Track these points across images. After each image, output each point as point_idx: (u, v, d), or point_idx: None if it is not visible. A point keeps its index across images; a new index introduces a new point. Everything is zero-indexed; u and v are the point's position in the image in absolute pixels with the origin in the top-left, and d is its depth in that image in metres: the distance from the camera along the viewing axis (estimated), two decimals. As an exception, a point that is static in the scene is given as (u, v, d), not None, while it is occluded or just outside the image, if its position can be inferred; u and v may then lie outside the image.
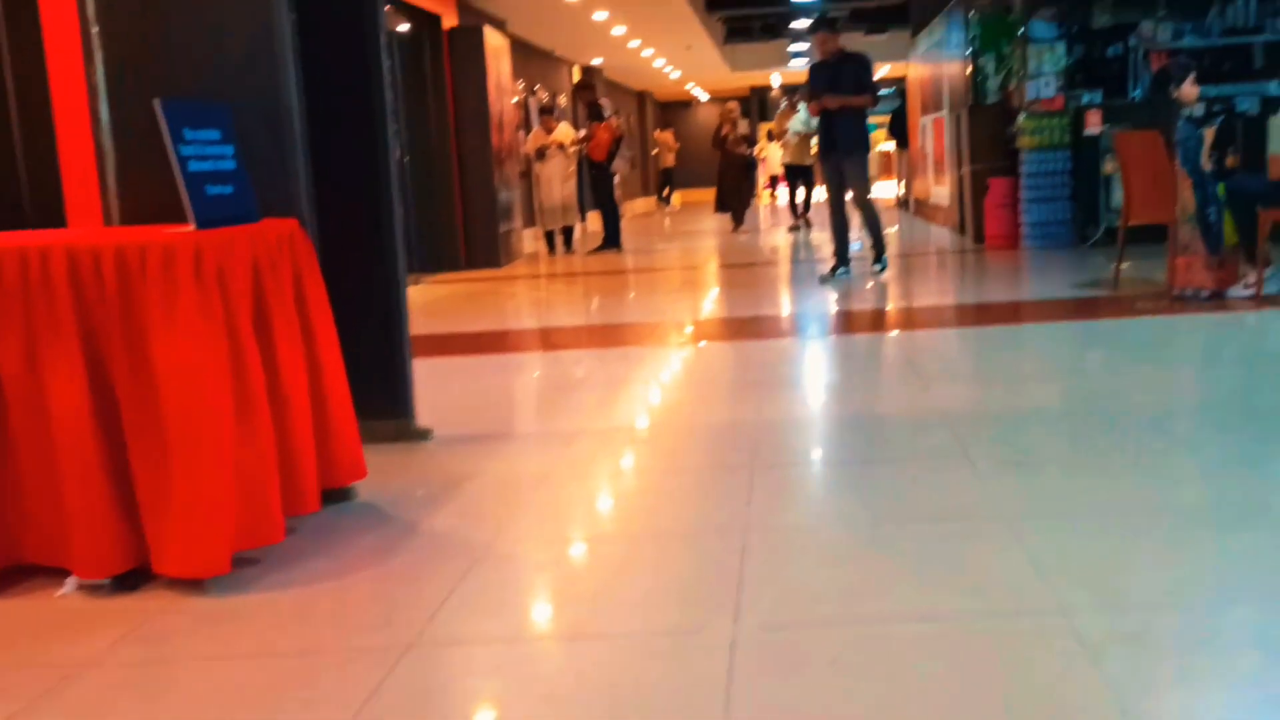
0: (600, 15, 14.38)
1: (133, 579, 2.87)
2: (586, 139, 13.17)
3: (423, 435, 4.31)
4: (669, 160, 26.93)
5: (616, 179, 13.48)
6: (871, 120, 29.73)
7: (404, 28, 11.10)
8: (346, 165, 4.05)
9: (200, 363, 2.73)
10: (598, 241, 13.43)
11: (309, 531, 3.24)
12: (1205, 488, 3.37)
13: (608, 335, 7.27)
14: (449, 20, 11.76)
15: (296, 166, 3.39)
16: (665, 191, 26.94)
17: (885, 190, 22.94)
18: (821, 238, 13.46)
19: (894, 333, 6.80)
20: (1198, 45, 10.47)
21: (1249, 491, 3.25)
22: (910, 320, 7.28)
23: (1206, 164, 6.46)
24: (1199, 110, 7.26)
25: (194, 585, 2.83)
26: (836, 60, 8.65)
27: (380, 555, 3.16)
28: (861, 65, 8.71)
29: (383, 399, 4.15)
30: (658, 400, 5.33)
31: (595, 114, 13.42)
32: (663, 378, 5.84)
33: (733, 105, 16.91)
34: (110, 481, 2.78)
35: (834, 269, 8.74)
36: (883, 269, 8.90)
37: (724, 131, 15.89)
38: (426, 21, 11.30)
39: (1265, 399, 4.48)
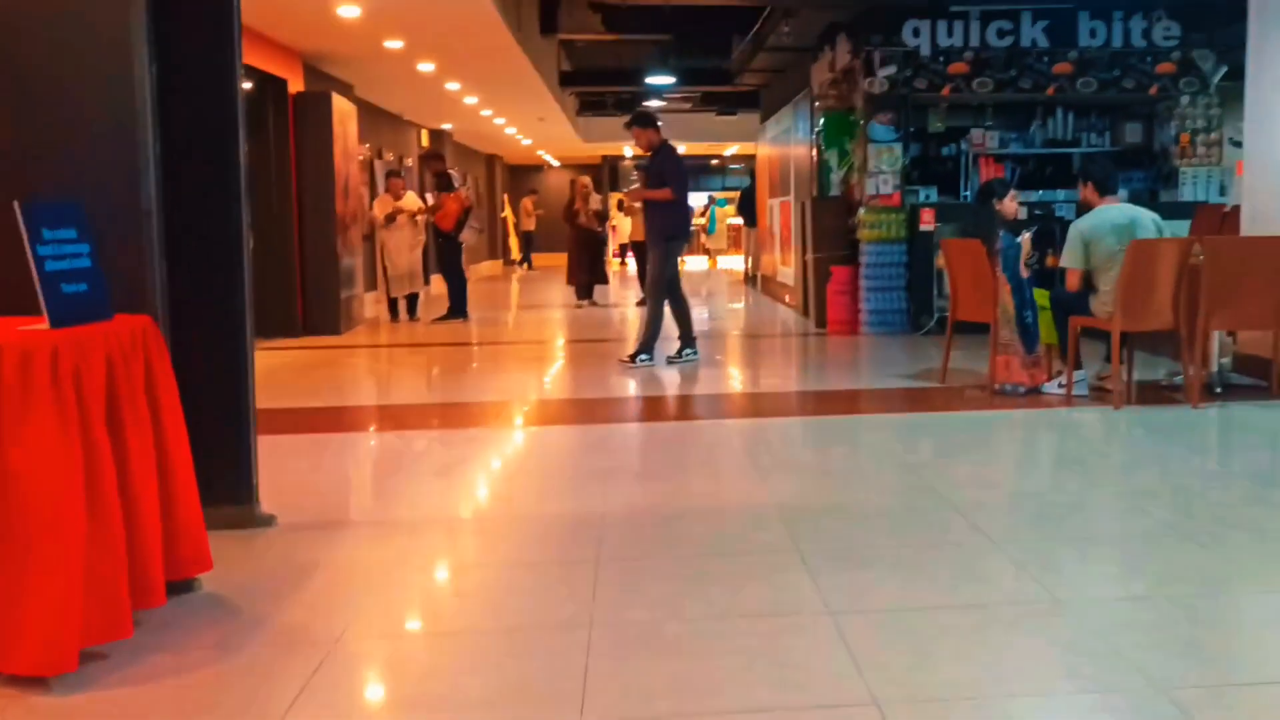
0: (453, 85, 14.52)
1: (-23, 677, 2.86)
2: (434, 209, 13.22)
3: (266, 522, 4.32)
4: (529, 225, 27.17)
5: (463, 249, 13.55)
6: (721, 196, 30.29)
7: (247, 85, 11.04)
8: (201, 253, 4.10)
9: (54, 463, 2.77)
10: (440, 308, 13.44)
11: (154, 625, 3.26)
12: (1007, 585, 3.64)
13: (453, 415, 7.31)
14: (295, 84, 11.72)
15: (152, 264, 3.45)
16: (526, 256, 27.10)
17: (734, 264, 23.59)
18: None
19: (736, 420, 7.03)
20: (1022, 153, 11.26)
21: (1044, 589, 3.55)
22: (752, 408, 7.54)
23: (1024, 270, 6.96)
24: (1021, 214, 7.83)
25: (37, 682, 2.83)
26: (650, 152, 8.88)
27: (227, 650, 3.19)
28: (665, 157, 8.91)
29: (226, 485, 4.17)
30: (502, 487, 5.44)
31: (445, 184, 13.48)
32: (507, 462, 5.95)
33: (585, 180, 16.67)
34: (-43, 580, 2.78)
35: (679, 351, 8.95)
36: (642, 358, 8.86)
37: (575, 206, 15.79)
38: (271, 85, 11.23)
39: (1068, 496, 4.86)
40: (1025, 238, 7.02)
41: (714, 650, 3.13)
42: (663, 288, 8.85)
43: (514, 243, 28.02)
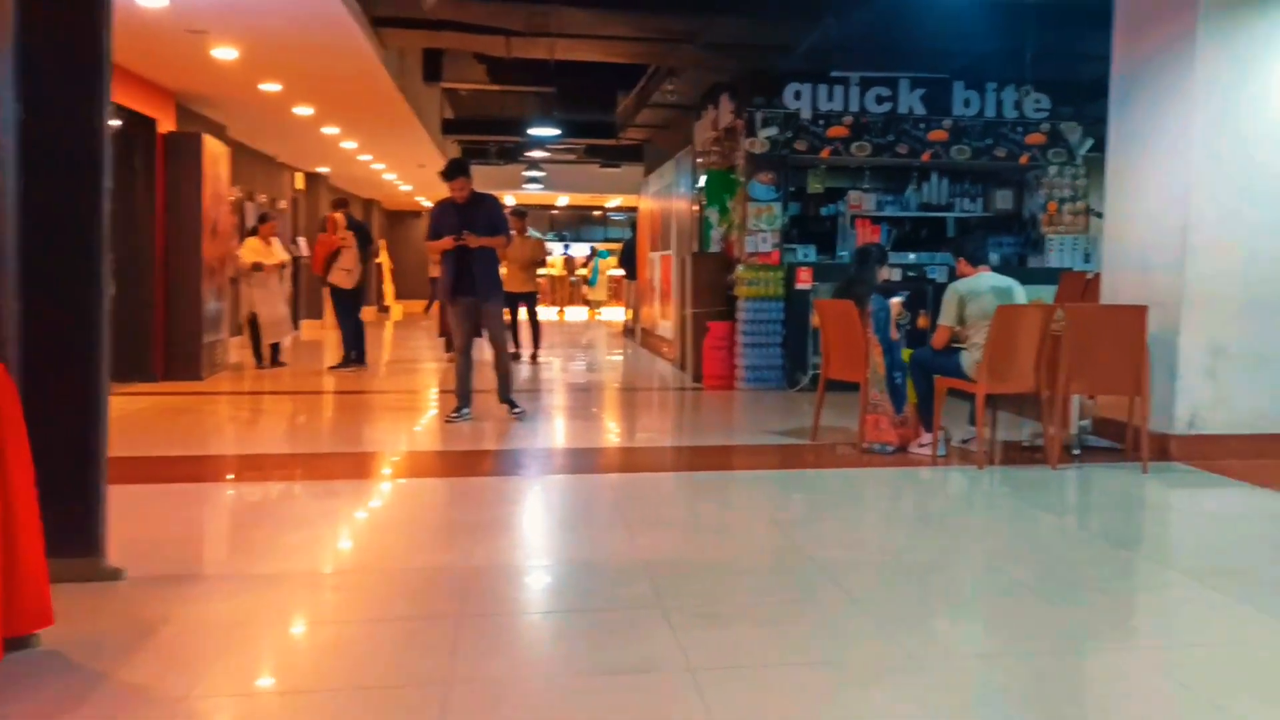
0: (331, 130, 14.36)
1: None
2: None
3: (114, 575, 4.17)
4: (435, 271, 26.81)
5: (358, 293, 13.20)
6: (603, 248, 30.22)
7: (115, 122, 10.75)
8: (58, 296, 3.97)
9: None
10: (308, 353, 13.01)
11: (-13, 683, 3.11)
12: (866, 643, 3.69)
13: (315, 465, 7.12)
14: (166, 124, 11.46)
15: (8, 310, 3.32)
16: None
17: (615, 315, 23.68)
18: (549, 362, 13.75)
19: (608, 475, 7.02)
20: (898, 215, 11.59)
21: (901, 647, 3.61)
22: (625, 462, 7.54)
23: (894, 333, 7.13)
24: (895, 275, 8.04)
25: None
26: (467, 202, 8.54)
27: (63, 710, 3.06)
28: (494, 207, 8.80)
29: (73, 536, 4.02)
30: (365, 540, 5.32)
31: (321, 225, 13.13)
32: (371, 515, 5.83)
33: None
34: None
35: (457, 409, 8.73)
36: (515, 411, 8.85)
37: None
38: (141, 124, 10.96)
39: (929, 555, 4.96)
40: (897, 300, 7.19)
41: (573, 707, 3.12)
42: (504, 337, 8.96)
43: (389, 289, 27.66)
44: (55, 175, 3.97)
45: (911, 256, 11.13)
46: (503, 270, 14.70)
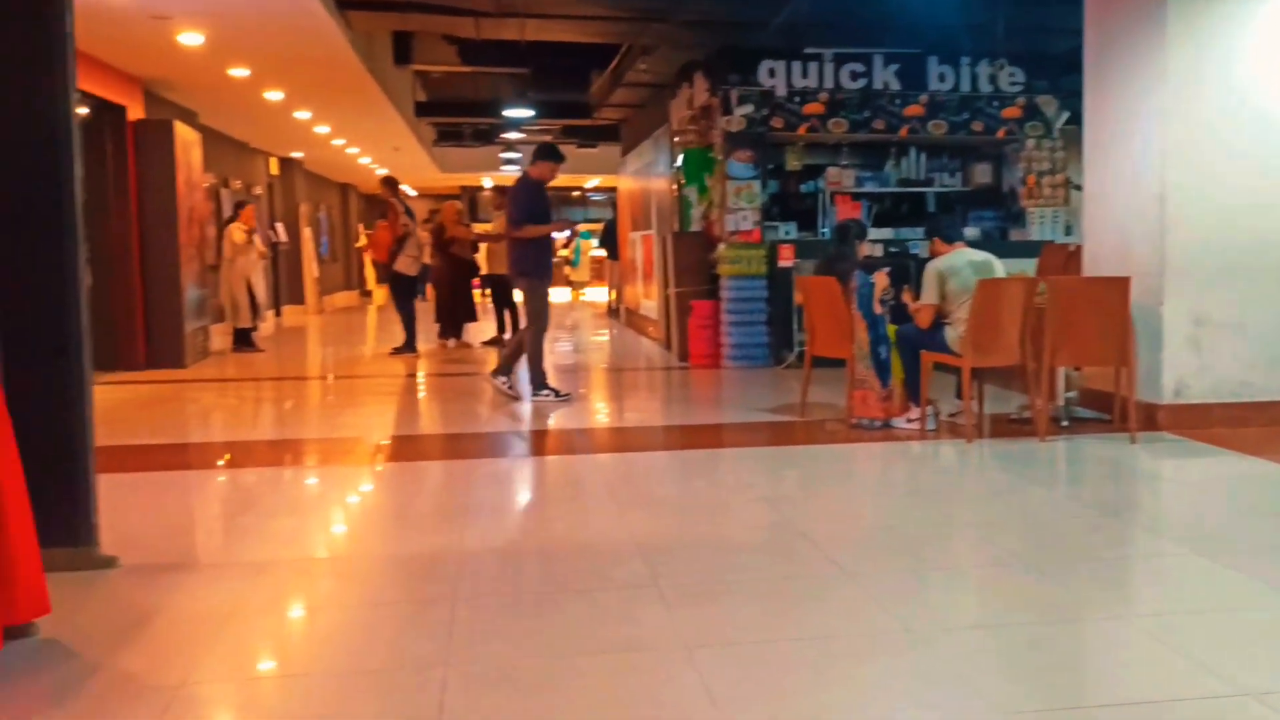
0: (303, 114, 14.27)
1: None
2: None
3: (107, 564, 4.17)
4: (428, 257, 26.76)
5: (415, 280, 13.12)
6: (585, 228, 30.09)
7: (83, 110, 10.65)
8: (36, 288, 3.95)
9: None
10: (284, 340, 12.93)
11: (-16, 674, 3.10)
12: (859, 616, 3.70)
13: (304, 451, 7.14)
14: (135, 112, 11.38)
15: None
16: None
17: (598, 296, 23.68)
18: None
19: (598, 455, 7.03)
20: (877, 191, 11.60)
21: (895, 619, 3.63)
22: (615, 442, 7.55)
23: (878, 308, 7.14)
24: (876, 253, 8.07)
25: None
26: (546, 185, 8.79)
27: (65, 698, 3.06)
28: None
29: (64, 526, 4.01)
30: (357, 525, 5.33)
31: (382, 212, 13.02)
32: (362, 500, 5.83)
33: (457, 204, 15.07)
34: None
35: (545, 388, 8.77)
36: (506, 387, 8.90)
37: (449, 234, 13.82)
38: (109, 112, 10.88)
39: (921, 528, 4.98)
40: (881, 274, 7.20)
41: (570, 687, 3.12)
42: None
43: (370, 273, 27.58)
44: (22, 165, 3.94)
45: (892, 232, 11.15)
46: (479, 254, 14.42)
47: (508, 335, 13.96)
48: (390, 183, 13.47)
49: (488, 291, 14.16)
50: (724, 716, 2.87)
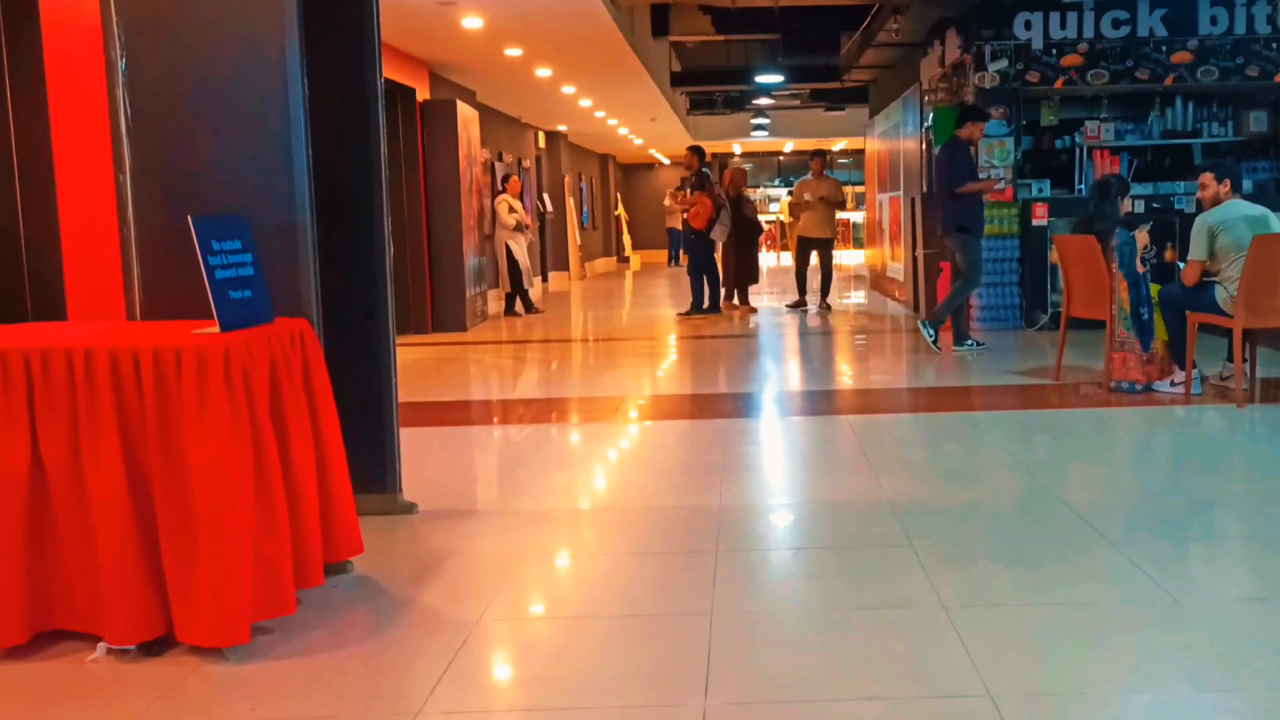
0: (569, 89, 14.89)
1: (158, 646, 3.16)
2: (688, 207, 13.32)
3: (408, 509, 4.60)
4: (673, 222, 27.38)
5: (716, 246, 13.63)
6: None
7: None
8: (348, 261, 4.38)
9: (226, 455, 3.03)
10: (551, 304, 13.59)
11: (313, 603, 3.53)
12: (1125, 585, 3.66)
13: (574, 409, 7.56)
14: (423, 93, 12.26)
15: (307, 272, 3.70)
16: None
17: (851, 259, 23.49)
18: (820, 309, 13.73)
19: (848, 416, 7.09)
20: (1139, 145, 11.09)
21: (1163, 590, 3.58)
22: (864, 403, 7.59)
23: (1140, 266, 6.91)
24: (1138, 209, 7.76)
25: (214, 652, 3.11)
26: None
27: (378, 628, 3.47)
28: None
29: (373, 475, 4.45)
30: (622, 479, 5.63)
31: (700, 183, 13.46)
32: (629, 456, 6.14)
33: (745, 168, 15.36)
34: (142, 559, 3.08)
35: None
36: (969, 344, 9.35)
37: (736, 193, 13.80)
38: (402, 94, 11.73)
39: (1189, 497, 4.86)
40: (1142, 231, 6.97)
41: (831, 641, 3.27)
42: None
43: (627, 240, 28.29)
44: (340, 153, 4.37)
45: (1155, 188, 10.66)
46: (788, 217, 14.37)
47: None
48: (699, 152, 13.82)
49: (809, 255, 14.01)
50: (985, 676, 2.93)
